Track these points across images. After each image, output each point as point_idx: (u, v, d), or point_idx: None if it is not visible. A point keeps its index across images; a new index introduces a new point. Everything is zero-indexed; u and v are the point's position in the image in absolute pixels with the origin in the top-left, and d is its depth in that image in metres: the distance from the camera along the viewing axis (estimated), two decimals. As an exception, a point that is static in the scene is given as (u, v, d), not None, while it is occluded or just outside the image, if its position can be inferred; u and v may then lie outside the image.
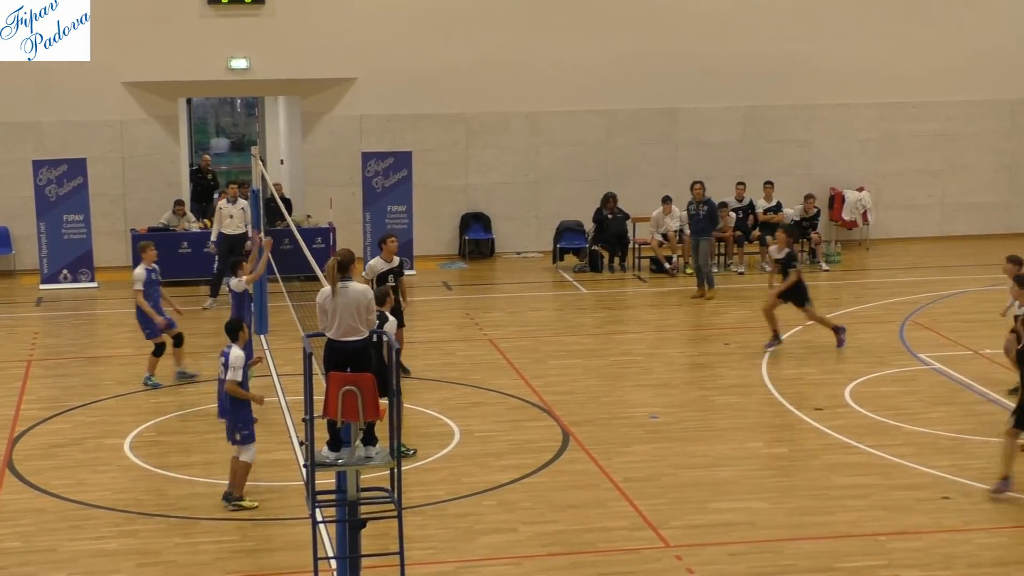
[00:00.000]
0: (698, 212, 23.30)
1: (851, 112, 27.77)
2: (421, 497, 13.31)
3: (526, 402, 16.87)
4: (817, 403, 16.63)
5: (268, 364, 18.65)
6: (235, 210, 22.39)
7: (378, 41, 25.86)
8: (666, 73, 26.80)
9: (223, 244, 22.36)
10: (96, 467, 14.58)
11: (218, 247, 22.44)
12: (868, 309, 22.14)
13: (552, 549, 12.30)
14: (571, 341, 20.27)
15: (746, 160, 27.27)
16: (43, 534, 12.74)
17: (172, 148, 26.06)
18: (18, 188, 24.65)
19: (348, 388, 9.82)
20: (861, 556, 12.06)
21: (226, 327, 13.99)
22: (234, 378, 13.27)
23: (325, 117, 26.25)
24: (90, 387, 17.61)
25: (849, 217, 27.42)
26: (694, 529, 12.73)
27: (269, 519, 13.02)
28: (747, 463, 14.66)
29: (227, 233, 22.32)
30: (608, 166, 26.94)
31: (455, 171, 26.70)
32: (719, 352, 19.28)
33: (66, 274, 24.19)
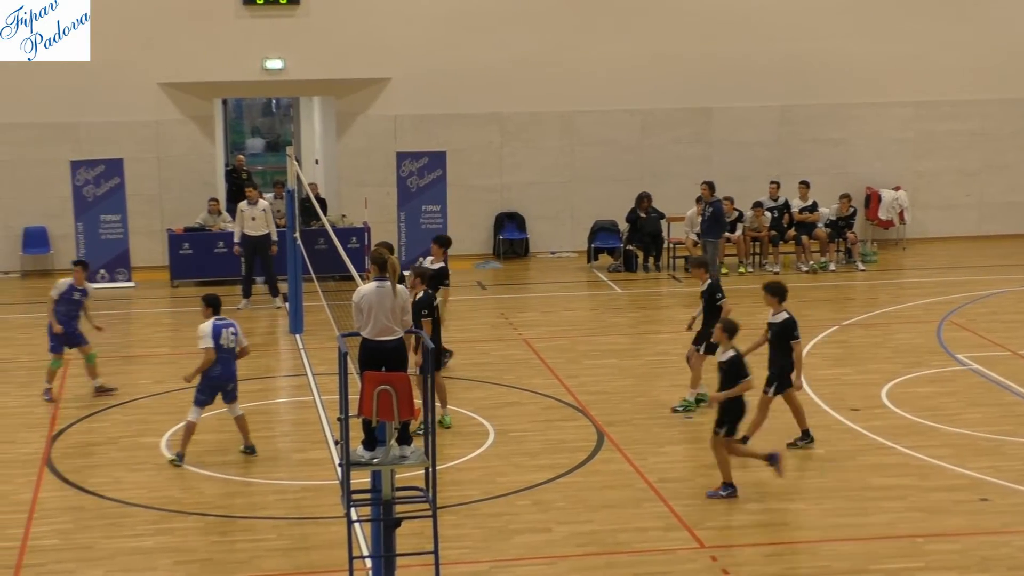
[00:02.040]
0: (703, 214, 23.26)
1: (887, 111, 27.62)
2: (456, 497, 13.32)
3: (561, 402, 16.86)
4: (854, 404, 16.55)
5: (304, 363, 18.72)
6: (256, 211, 22.44)
7: (412, 41, 25.90)
8: (701, 72, 26.73)
9: (247, 245, 22.40)
10: (133, 465, 14.66)
11: (242, 248, 22.47)
12: (905, 309, 22.02)
13: (587, 549, 12.30)
14: (606, 341, 20.24)
15: (781, 159, 27.17)
16: (81, 532, 12.83)
17: (208, 148, 26.17)
18: (56, 188, 24.82)
19: (383, 387, 9.84)
20: (898, 558, 12.00)
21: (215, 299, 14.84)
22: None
23: (360, 117, 26.31)
24: (127, 386, 17.70)
25: (885, 216, 27.28)
26: (729, 530, 12.70)
27: (305, 518, 13.06)
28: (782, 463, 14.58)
29: (250, 235, 22.37)
30: (642, 165, 26.89)
31: (489, 171, 26.71)
32: (755, 352, 19.16)
33: (103, 273, 24.33)
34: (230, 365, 14.71)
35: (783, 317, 14.70)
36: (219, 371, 14.56)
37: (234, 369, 14.78)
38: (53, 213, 25.15)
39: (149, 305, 23.16)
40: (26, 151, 25.20)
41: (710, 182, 23.77)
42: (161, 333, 21.38)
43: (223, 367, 14.60)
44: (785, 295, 14.82)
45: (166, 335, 21.21)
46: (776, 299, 14.78)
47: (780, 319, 14.72)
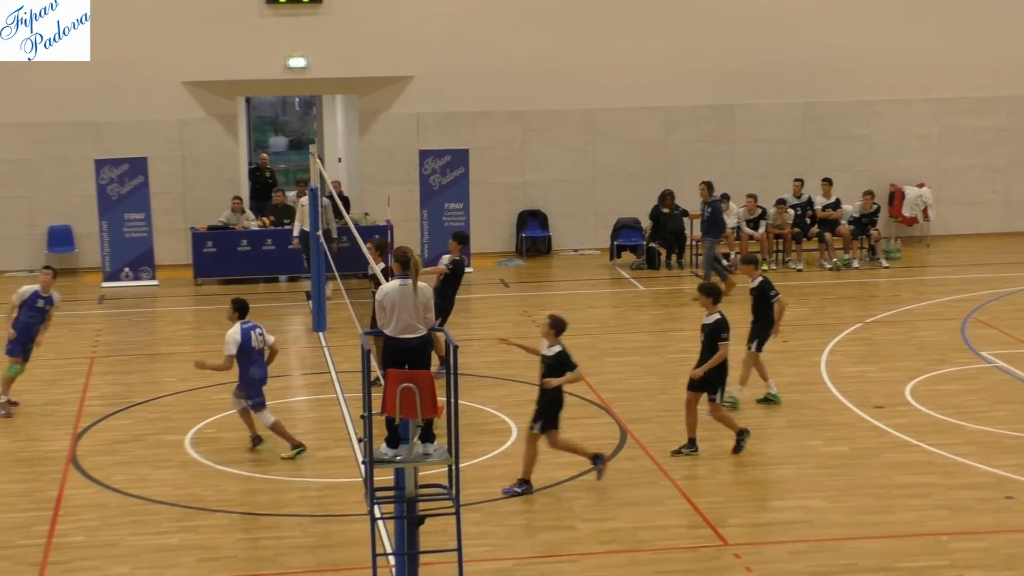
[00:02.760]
0: (702, 214, 23.23)
1: (910, 107, 27.52)
2: (479, 494, 13.33)
3: (583, 399, 16.84)
4: (877, 401, 16.50)
5: (327, 361, 18.76)
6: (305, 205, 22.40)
7: (435, 39, 25.92)
8: (724, 69, 26.68)
9: (306, 240, 22.34)
10: (157, 463, 14.72)
11: (301, 242, 22.44)
12: (929, 306, 21.94)
13: (610, 547, 12.29)
14: (628, 338, 20.22)
15: (804, 156, 27.09)
16: (106, 528, 12.88)
17: (231, 147, 26.24)
18: (80, 187, 24.93)
19: (406, 385, 9.85)
20: (922, 556, 11.96)
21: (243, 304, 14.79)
22: None
23: (382, 115, 26.35)
24: (151, 384, 17.77)
25: (909, 213, 27.19)
26: (753, 527, 12.68)
27: (328, 515, 13.09)
28: (806, 461, 14.58)
29: (309, 230, 22.28)
30: (665, 163, 26.84)
31: (512, 168, 26.72)
32: (778, 349, 19.11)
33: (128, 272, 24.42)
34: (263, 365, 14.74)
35: (715, 318, 14.49)
36: (258, 373, 14.62)
37: (266, 369, 14.81)
38: (78, 212, 25.26)
39: (173, 303, 23.25)
40: (51, 150, 25.32)
41: (708, 182, 23.74)
42: (185, 331, 21.45)
43: (258, 367, 14.64)
44: (720, 297, 14.71)
45: (190, 333, 21.28)
46: (710, 300, 14.62)
47: (711, 320, 14.51)
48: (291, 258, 24.23)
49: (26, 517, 13.16)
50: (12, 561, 12.12)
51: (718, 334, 14.39)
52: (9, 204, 25.34)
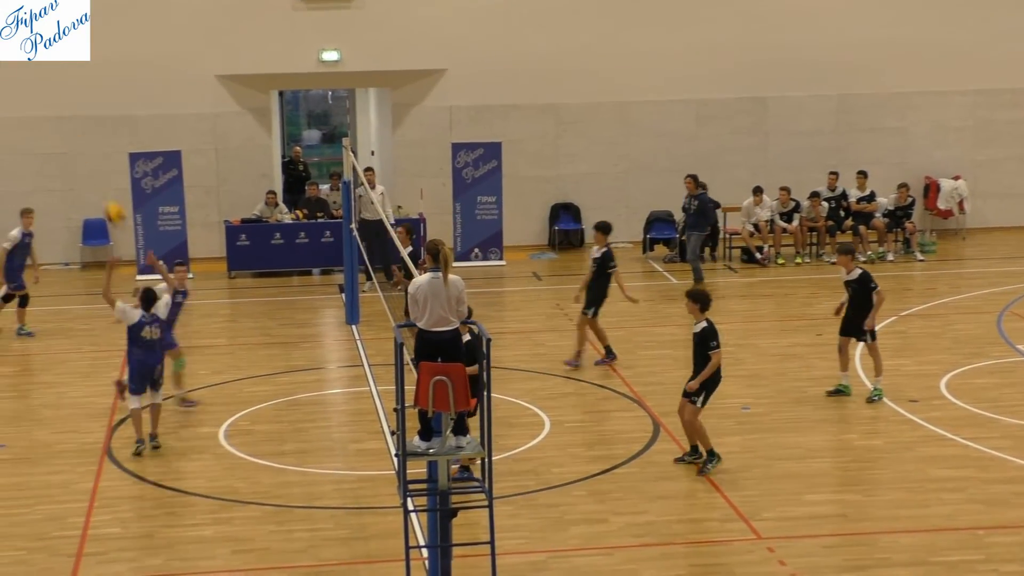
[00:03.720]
0: (689, 207, 23.04)
1: (945, 99, 27.35)
2: (511, 487, 13.33)
3: (616, 392, 16.83)
4: (912, 395, 16.41)
5: (360, 354, 18.80)
6: (375, 195, 22.47)
7: (467, 32, 25.93)
8: (756, 62, 26.58)
9: (365, 230, 22.39)
10: (191, 455, 14.78)
11: (361, 233, 22.45)
12: (965, 299, 21.81)
13: (643, 540, 12.27)
14: (661, 331, 20.18)
15: (838, 149, 26.97)
16: (141, 520, 12.95)
17: (264, 140, 26.33)
18: (115, 180, 25.05)
19: (439, 378, 9.86)
20: (958, 550, 11.89)
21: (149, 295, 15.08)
22: None
23: (415, 108, 26.37)
24: (185, 376, 17.83)
25: (945, 206, 27.03)
26: (786, 521, 12.63)
27: (362, 508, 13.12)
28: (840, 455, 14.53)
29: (368, 219, 22.34)
30: (698, 156, 26.76)
31: (544, 161, 26.70)
32: (811, 343, 19.08)
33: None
34: (155, 354, 14.90)
35: (703, 326, 13.91)
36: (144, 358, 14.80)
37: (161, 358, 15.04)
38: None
39: (206, 296, 23.33)
40: (85, 144, 25.48)
41: (694, 175, 23.53)
42: (218, 324, 21.53)
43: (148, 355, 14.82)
44: (708, 303, 14.05)
45: (223, 326, 21.36)
46: (698, 307, 13.98)
47: (699, 328, 13.93)
48: (324, 251, 24.32)
49: (62, 508, 13.24)
50: (48, 552, 12.20)
51: (707, 342, 13.83)
52: (45, 197, 25.48)
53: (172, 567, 11.84)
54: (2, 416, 16.36)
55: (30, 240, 20.28)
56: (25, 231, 20.16)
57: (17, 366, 18.57)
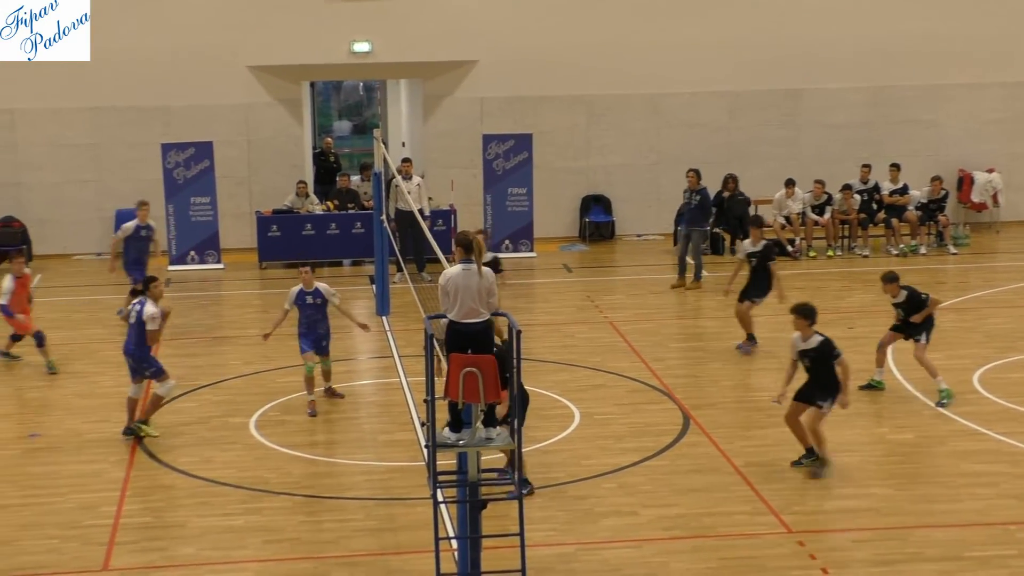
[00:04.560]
0: (691, 201, 22.79)
1: (980, 92, 27.15)
2: (541, 479, 13.33)
3: (646, 385, 16.81)
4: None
5: (390, 345, 18.83)
6: (411, 186, 22.48)
7: (499, 24, 25.90)
8: (789, 53, 26.45)
9: (401, 220, 22.42)
10: (222, 445, 14.84)
11: (396, 223, 22.48)
12: (998, 293, 21.67)
13: (672, 533, 12.25)
14: (692, 324, 20.14)
15: (871, 142, 26.82)
16: (172, 510, 13.02)
17: (296, 131, 26.38)
18: (147, 171, 25.15)
19: (469, 369, 9.86)
20: (991, 545, 11.83)
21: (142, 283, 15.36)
22: (153, 328, 14.79)
23: (446, 100, 26.37)
24: (216, 367, 17.91)
25: (978, 199, 26.86)
26: (817, 515, 12.59)
27: (392, 499, 13.14)
28: (872, 449, 14.46)
29: (403, 209, 22.35)
30: (730, 148, 26.68)
31: (576, 153, 26.66)
32: (843, 336, 18.83)
33: (193, 255, 24.63)
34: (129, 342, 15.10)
35: (818, 341, 13.54)
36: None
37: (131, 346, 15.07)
38: (144, 195, 25.28)
39: (238, 287, 23.41)
40: (118, 134, 25.58)
41: (697, 170, 23.19)
42: (250, 314, 21.59)
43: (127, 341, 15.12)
44: (815, 316, 13.68)
45: (255, 316, 21.41)
46: (806, 322, 13.61)
47: (813, 345, 13.55)
48: (355, 242, 24.35)
49: (94, 497, 13.32)
50: (80, 541, 12.27)
51: (829, 355, 13.43)
52: (78, 188, 25.65)
53: (203, 556, 11.90)
54: (35, 406, 16.47)
55: (148, 234, 20.01)
56: (141, 223, 19.93)
57: (50, 356, 18.65)
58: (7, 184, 25.44)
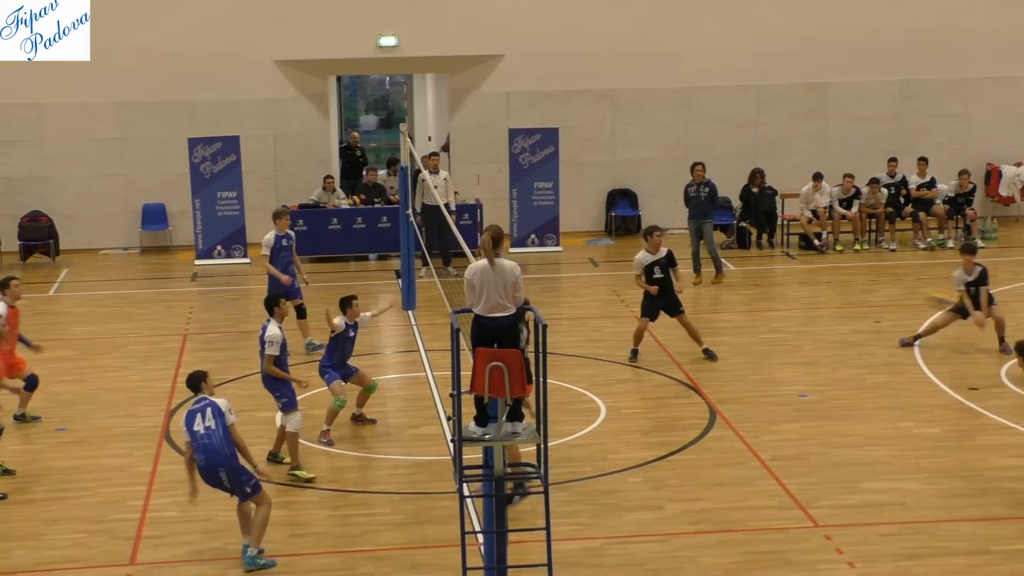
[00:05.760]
0: (699, 194, 22.58)
1: (1010, 85, 26.99)
2: (567, 473, 13.32)
3: (672, 379, 16.78)
4: (972, 383, 16.25)
5: (416, 339, 18.85)
6: (438, 181, 22.50)
7: (525, 18, 25.87)
8: (817, 47, 26.35)
9: (428, 214, 22.43)
10: (249, 439, 14.75)
11: (423, 218, 22.51)
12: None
13: (699, 527, 12.23)
14: (718, 318, 20.09)
15: (899, 135, 26.70)
16: (199, 504, 13.01)
17: (322, 125, 26.42)
18: (174, 165, 25.24)
19: (495, 364, 9.86)
20: (1019, 540, 11.77)
21: (264, 302, 14.20)
22: (272, 353, 13.63)
23: (473, 94, 26.36)
24: (243, 361, 17.93)
25: (1006, 192, 26.72)
26: (844, 509, 12.55)
27: (418, 493, 13.16)
28: (899, 443, 14.40)
29: (430, 204, 22.37)
30: (757, 142, 26.60)
31: (602, 147, 26.62)
32: (870, 330, 18.93)
33: (220, 250, 24.70)
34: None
35: None
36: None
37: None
38: (171, 190, 25.59)
39: (264, 281, 23.38)
40: (145, 129, 25.66)
41: (701, 163, 22.90)
42: (276, 309, 21.61)
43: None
44: None
45: (281, 311, 21.44)
46: None
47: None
48: (381, 237, 24.38)
49: (121, 492, 13.37)
50: (107, 535, 12.32)
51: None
52: (104, 183, 25.74)
53: (230, 551, 11.93)
54: (62, 400, 16.54)
55: (289, 243, 18.58)
56: (280, 234, 18.51)
57: (76, 350, 18.75)
58: (35, 178, 25.56)
